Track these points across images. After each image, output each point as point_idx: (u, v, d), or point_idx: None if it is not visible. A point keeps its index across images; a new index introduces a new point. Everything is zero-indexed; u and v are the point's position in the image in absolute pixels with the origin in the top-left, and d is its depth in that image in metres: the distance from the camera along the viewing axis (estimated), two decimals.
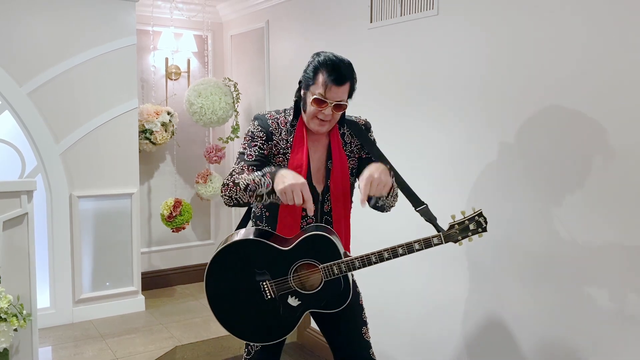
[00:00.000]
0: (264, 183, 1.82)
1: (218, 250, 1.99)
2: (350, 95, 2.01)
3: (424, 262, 2.83)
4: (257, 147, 1.99)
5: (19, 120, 3.75)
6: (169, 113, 4.46)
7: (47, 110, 3.83)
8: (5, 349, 2.64)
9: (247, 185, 1.85)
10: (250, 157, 1.98)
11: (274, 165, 2.01)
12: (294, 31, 3.94)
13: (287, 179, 1.77)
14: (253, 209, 2.14)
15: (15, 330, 2.64)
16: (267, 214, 2.07)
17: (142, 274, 4.44)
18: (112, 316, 4.13)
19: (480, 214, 1.91)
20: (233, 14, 4.77)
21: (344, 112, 2.07)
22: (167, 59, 4.74)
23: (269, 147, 2.01)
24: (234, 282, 1.97)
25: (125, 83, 4.12)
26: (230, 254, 1.98)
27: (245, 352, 2.17)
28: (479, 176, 2.56)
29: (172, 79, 4.77)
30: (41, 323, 3.48)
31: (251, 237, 1.98)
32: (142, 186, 4.64)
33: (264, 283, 1.94)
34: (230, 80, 4.47)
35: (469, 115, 2.59)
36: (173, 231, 4.51)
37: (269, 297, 1.94)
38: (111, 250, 4.16)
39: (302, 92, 2.02)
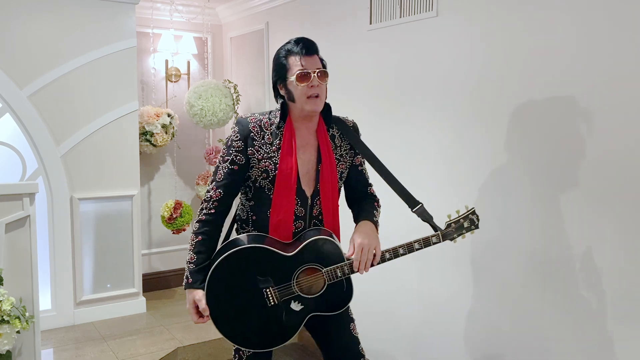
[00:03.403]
0: (184, 278, 2.01)
1: (217, 261, 1.97)
2: (325, 72, 1.97)
3: (422, 262, 2.85)
4: (228, 163, 1.97)
5: (20, 123, 3.76)
6: (169, 115, 4.47)
7: (47, 112, 3.84)
8: (8, 351, 2.64)
9: (187, 254, 2.03)
10: (220, 176, 1.99)
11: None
12: (294, 33, 3.95)
13: (186, 304, 2.01)
14: (238, 212, 2.11)
15: (18, 332, 2.65)
16: (253, 217, 2.04)
17: (143, 275, 4.45)
18: (113, 318, 4.14)
19: (473, 212, 2.01)
20: (233, 16, 4.79)
21: (330, 109, 2.03)
22: (167, 61, 4.75)
23: (246, 156, 1.97)
24: (235, 291, 1.96)
25: (126, 85, 4.13)
26: (230, 263, 1.96)
27: (235, 357, 2.14)
28: (477, 176, 2.57)
29: (172, 81, 4.78)
30: (42, 325, 3.49)
31: (252, 244, 1.96)
32: (142, 188, 4.65)
33: (267, 290, 1.93)
34: (230, 82, 4.49)
35: (467, 116, 2.61)
36: (173, 233, 4.51)
37: (272, 303, 1.94)
38: (112, 252, 4.17)
39: (282, 90, 1.98)
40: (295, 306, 1.95)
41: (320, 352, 2.18)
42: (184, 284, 1.99)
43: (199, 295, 1.95)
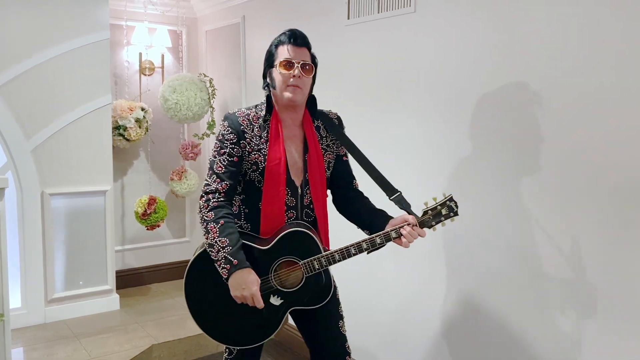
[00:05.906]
0: (222, 270, 1.88)
1: (193, 258, 1.98)
2: (314, 64, 2.00)
3: (397, 256, 2.86)
4: (226, 155, 1.96)
5: None
6: (143, 109, 4.40)
7: (17, 105, 3.75)
8: None
9: (212, 246, 1.90)
10: (220, 168, 1.95)
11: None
12: (270, 27, 3.92)
13: (241, 290, 1.86)
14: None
15: None
16: (245, 210, 2.04)
17: (117, 272, 4.38)
18: (86, 316, 4.07)
19: (451, 199, 1.96)
20: (208, 9, 4.73)
21: (316, 102, 2.07)
22: (140, 54, 4.67)
23: (241, 148, 1.97)
24: (214, 288, 1.95)
25: (98, 78, 4.05)
26: (206, 260, 1.95)
27: (226, 351, 2.15)
28: (457, 171, 2.59)
29: (146, 75, 4.70)
30: (12, 324, 3.40)
31: None
32: (115, 183, 4.57)
33: None
34: (205, 75, 4.43)
35: (446, 112, 2.62)
36: (148, 229, 4.45)
37: None
38: (84, 248, 4.10)
39: (268, 78, 2.02)
40: (275, 300, 1.94)
41: (297, 348, 2.17)
42: (226, 270, 1.87)
43: (254, 273, 1.88)
